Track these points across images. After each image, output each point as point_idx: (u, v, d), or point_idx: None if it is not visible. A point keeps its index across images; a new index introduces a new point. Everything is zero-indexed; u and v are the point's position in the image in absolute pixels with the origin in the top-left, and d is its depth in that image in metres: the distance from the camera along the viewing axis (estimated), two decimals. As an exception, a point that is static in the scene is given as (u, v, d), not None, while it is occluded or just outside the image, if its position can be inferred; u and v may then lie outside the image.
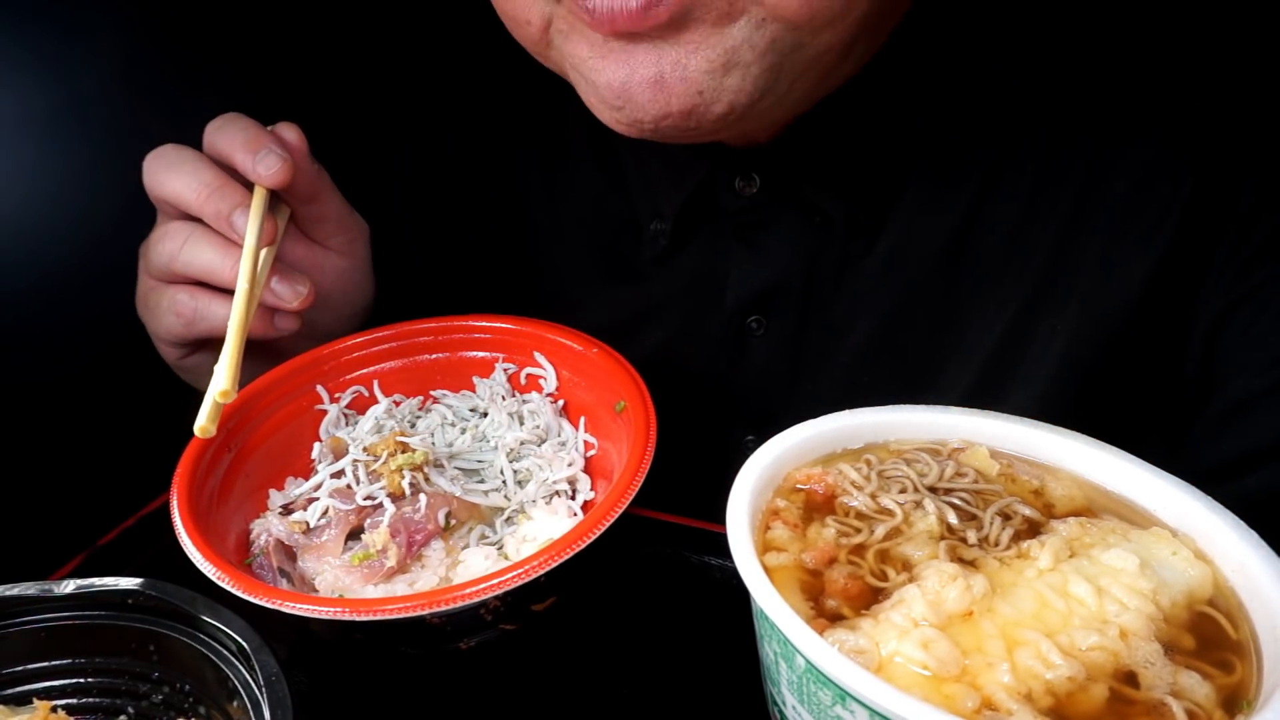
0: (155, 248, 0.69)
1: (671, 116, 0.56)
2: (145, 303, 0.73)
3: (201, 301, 0.69)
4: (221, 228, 0.66)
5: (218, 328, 0.67)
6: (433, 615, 0.55)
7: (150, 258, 0.70)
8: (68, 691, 0.53)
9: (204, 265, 0.67)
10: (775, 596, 0.44)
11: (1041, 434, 0.57)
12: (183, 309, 0.69)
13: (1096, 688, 0.43)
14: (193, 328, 0.70)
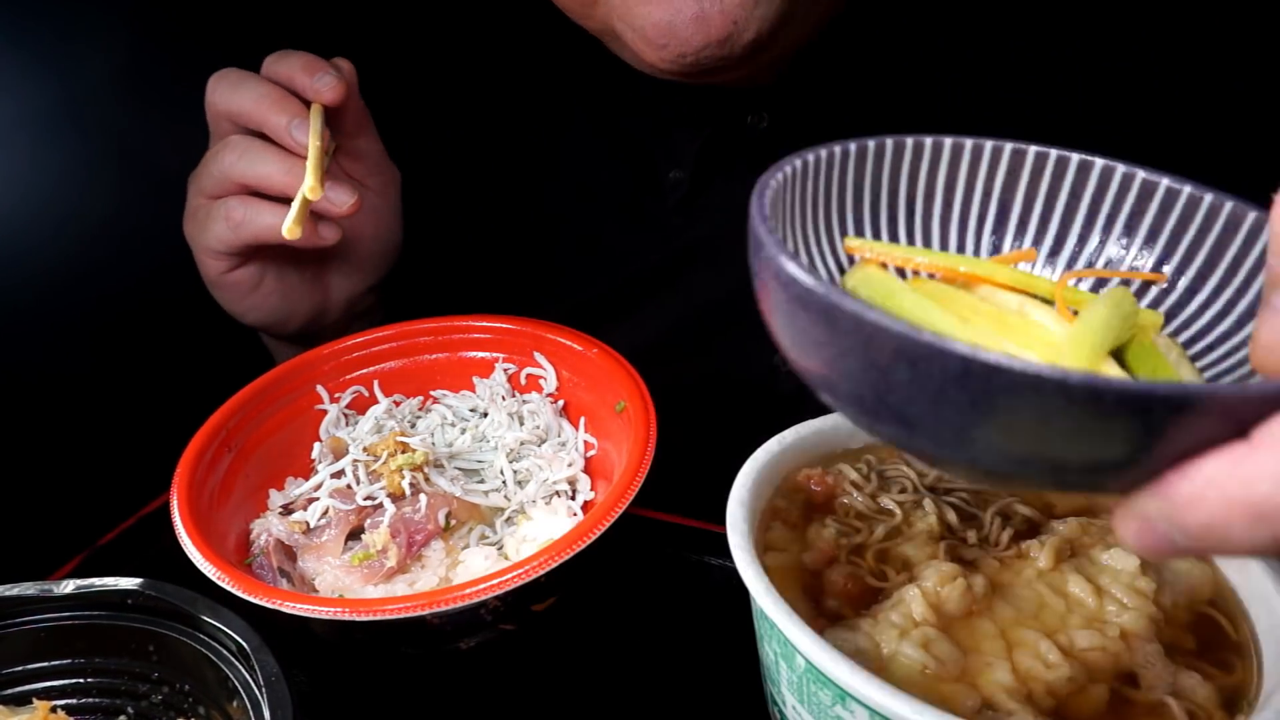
0: (212, 161, 0.71)
1: (711, 46, 0.64)
2: (194, 218, 0.74)
3: (252, 208, 0.70)
4: (281, 137, 0.69)
5: (265, 233, 0.70)
6: (433, 615, 0.55)
7: (204, 174, 0.72)
8: (68, 691, 0.53)
9: (261, 172, 0.69)
10: (775, 596, 0.44)
11: (1041, 434, 0.57)
12: (233, 213, 0.71)
13: (1096, 688, 0.43)
14: (241, 230, 0.71)
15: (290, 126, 0.68)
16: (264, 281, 0.76)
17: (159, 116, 0.78)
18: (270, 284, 0.77)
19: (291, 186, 0.68)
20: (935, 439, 0.31)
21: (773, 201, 0.36)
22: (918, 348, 0.29)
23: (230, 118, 0.71)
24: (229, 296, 0.78)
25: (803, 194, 0.39)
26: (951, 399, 0.29)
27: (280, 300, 0.78)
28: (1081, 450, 0.29)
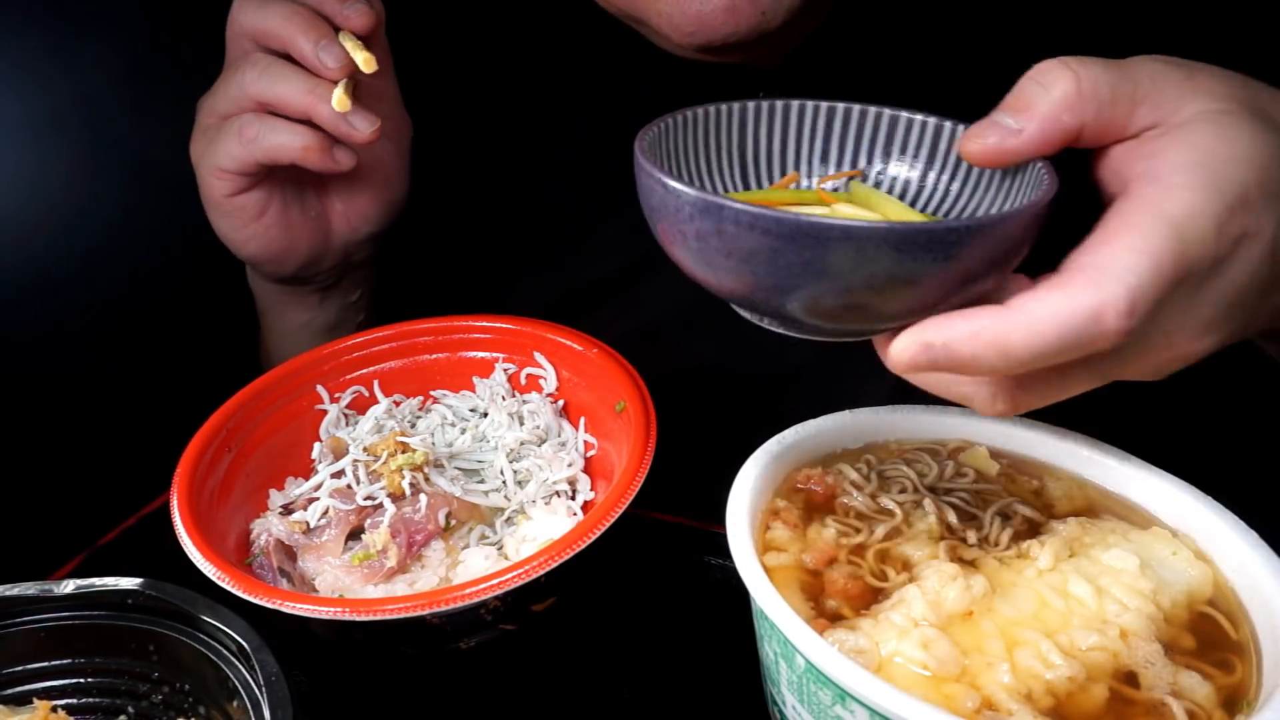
0: (230, 78, 0.69)
1: (739, 34, 0.65)
2: (203, 136, 0.72)
3: (268, 124, 0.69)
4: (307, 58, 0.67)
5: (279, 152, 0.69)
6: (433, 615, 0.55)
7: (219, 92, 0.70)
8: (68, 691, 0.53)
9: (283, 90, 0.68)
10: (775, 596, 0.44)
11: (1041, 434, 0.57)
12: (248, 129, 0.69)
13: (1096, 688, 0.43)
14: (254, 146, 0.69)
15: (318, 48, 0.67)
16: (268, 209, 0.74)
17: (163, 117, 0.78)
18: (274, 213, 0.75)
19: (313, 108, 0.67)
20: (780, 290, 0.43)
21: (650, 145, 0.49)
22: (779, 222, 0.41)
23: (255, 36, 0.69)
24: (232, 223, 0.75)
25: (674, 143, 0.52)
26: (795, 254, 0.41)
27: (281, 232, 0.75)
28: (884, 281, 0.41)
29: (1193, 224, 0.40)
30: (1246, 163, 0.42)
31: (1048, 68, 0.44)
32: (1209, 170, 0.41)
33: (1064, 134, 0.44)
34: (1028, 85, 0.44)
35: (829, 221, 0.40)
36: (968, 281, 0.41)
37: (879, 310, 0.43)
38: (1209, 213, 0.41)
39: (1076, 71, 0.43)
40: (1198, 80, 0.45)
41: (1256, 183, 0.42)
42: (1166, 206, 0.40)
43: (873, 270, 0.40)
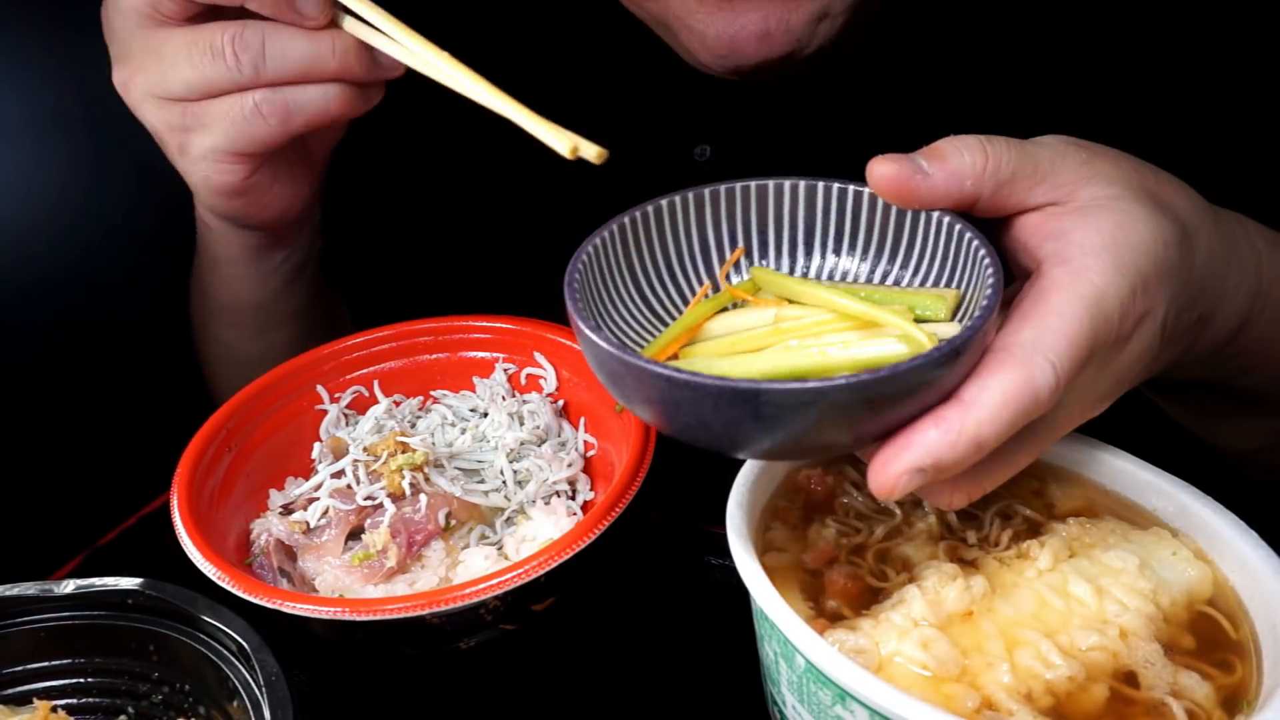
0: (181, 58, 0.59)
1: (770, 61, 0.65)
2: (176, 132, 0.62)
3: (291, 94, 0.60)
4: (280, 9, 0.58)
5: (314, 121, 0.61)
6: (433, 615, 0.55)
7: (169, 75, 0.59)
8: (68, 691, 0.53)
9: (299, 59, 0.58)
10: (775, 596, 0.44)
11: (1041, 434, 0.57)
12: (273, 106, 0.60)
13: (1096, 688, 0.43)
14: (289, 122, 0.61)
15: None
16: (278, 173, 0.68)
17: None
18: (285, 172, 0.68)
19: (346, 68, 0.59)
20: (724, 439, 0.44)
21: (580, 284, 0.48)
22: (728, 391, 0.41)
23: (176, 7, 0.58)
24: (247, 201, 0.67)
25: (604, 265, 0.50)
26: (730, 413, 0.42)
27: (291, 188, 0.69)
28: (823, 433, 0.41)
29: (1101, 306, 0.43)
30: (1144, 247, 0.45)
31: (965, 139, 0.47)
32: (1113, 255, 0.44)
33: (962, 195, 0.47)
34: (945, 144, 0.47)
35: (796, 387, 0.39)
36: (946, 395, 0.42)
37: (849, 444, 0.44)
38: (1116, 296, 0.44)
39: (986, 149, 0.47)
40: (1096, 164, 0.48)
41: (1153, 265, 0.45)
42: (1079, 289, 0.43)
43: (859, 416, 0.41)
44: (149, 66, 0.60)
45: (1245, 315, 0.55)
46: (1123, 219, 0.46)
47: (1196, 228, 0.50)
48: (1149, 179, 0.50)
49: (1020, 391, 0.41)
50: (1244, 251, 0.55)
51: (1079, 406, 0.46)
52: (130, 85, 0.62)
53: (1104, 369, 0.46)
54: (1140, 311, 0.45)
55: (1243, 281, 0.54)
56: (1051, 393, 0.41)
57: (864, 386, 0.39)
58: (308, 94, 0.60)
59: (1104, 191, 0.47)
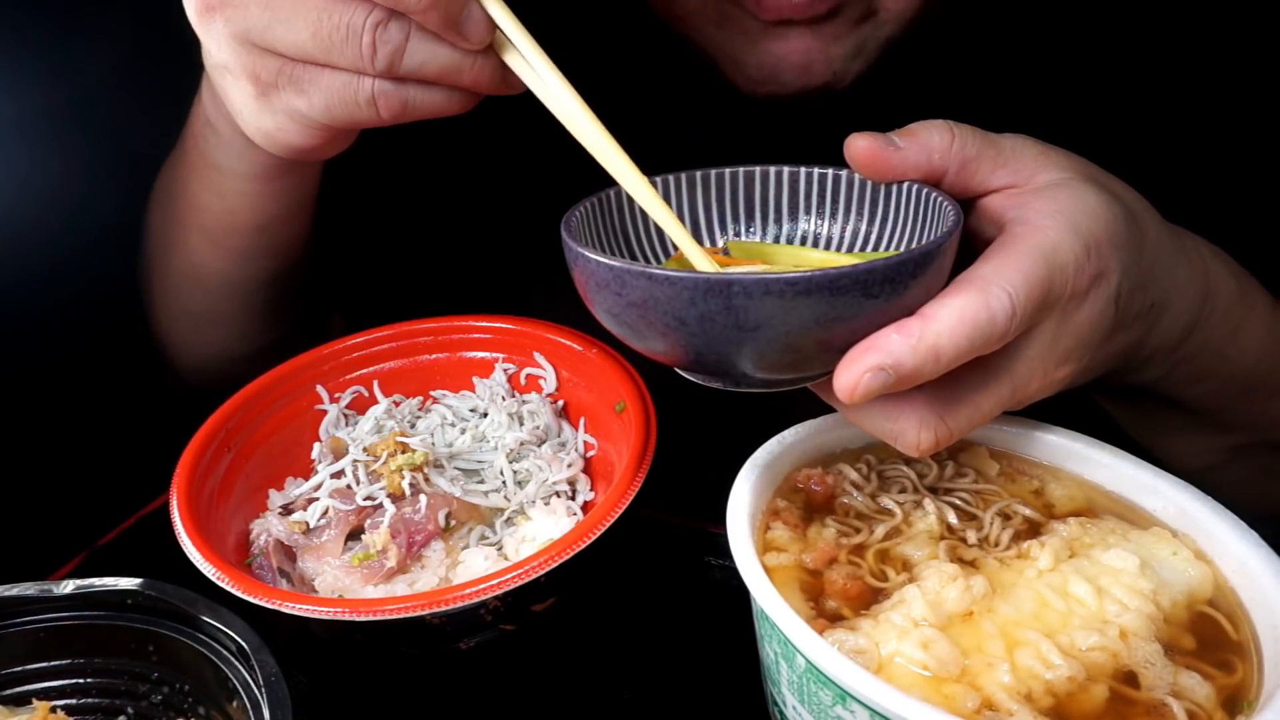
0: (352, 37, 0.52)
1: (807, 90, 0.67)
2: (283, 82, 0.55)
3: (413, 92, 0.55)
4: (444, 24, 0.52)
5: (425, 115, 0.57)
6: (432, 615, 0.55)
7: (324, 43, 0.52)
8: (67, 691, 0.53)
9: (438, 68, 0.54)
10: (775, 596, 0.44)
11: (1041, 434, 0.57)
12: (390, 101, 0.55)
13: (1097, 688, 0.43)
14: (403, 116, 0.56)
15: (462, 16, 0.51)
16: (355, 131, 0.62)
17: (163, 115, 0.77)
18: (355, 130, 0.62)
19: (478, 84, 0.55)
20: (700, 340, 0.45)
21: (577, 226, 0.53)
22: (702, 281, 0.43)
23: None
24: (317, 155, 0.62)
25: (599, 219, 0.56)
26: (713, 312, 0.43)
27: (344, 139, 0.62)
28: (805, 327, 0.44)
29: (1057, 255, 0.48)
30: (1096, 214, 0.50)
31: (934, 121, 0.53)
32: (1068, 217, 0.49)
33: (930, 168, 0.53)
34: (915, 125, 0.53)
35: (786, 276, 0.42)
36: (910, 308, 0.45)
37: (818, 354, 0.46)
38: (1070, 249, 0.48)
39: (953, 130, 0.53)
40: (1051, 155, 0.54)
41: (1105, 232, 0.50)
42: (1036, 239, 0.48)
43: (825, 314, 0.43)
44: (252, 8, 0.52)
45: (1195, 316, 0.59)
46: (1076, 192, 0.51)
47: (1143, 216, 0.55)
48: (1098, 172, 0.55)
49: (977, 313, 0.45)
50: (1191, 253, 0.59)
51: (1040, 360, 0.50)
52: (217, 15, 0.54)
53: (1063, 324, 0.49)
54: (1094, 270, 0.49)
55: (1192, 280, 0.58)
56: (1007, 319, 0.45)
57: (831, 279, 0.42)
58: (431, 96, 0.56)
59: (1058, 175, 0.52)
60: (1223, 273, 0.61)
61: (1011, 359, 0.49)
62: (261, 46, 0.54)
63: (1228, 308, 0.60)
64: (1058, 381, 0.51)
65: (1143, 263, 0.53)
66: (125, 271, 0.84)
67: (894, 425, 0.49)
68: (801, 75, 0.67)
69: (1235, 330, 0.61)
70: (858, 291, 0.43)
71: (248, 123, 0.60)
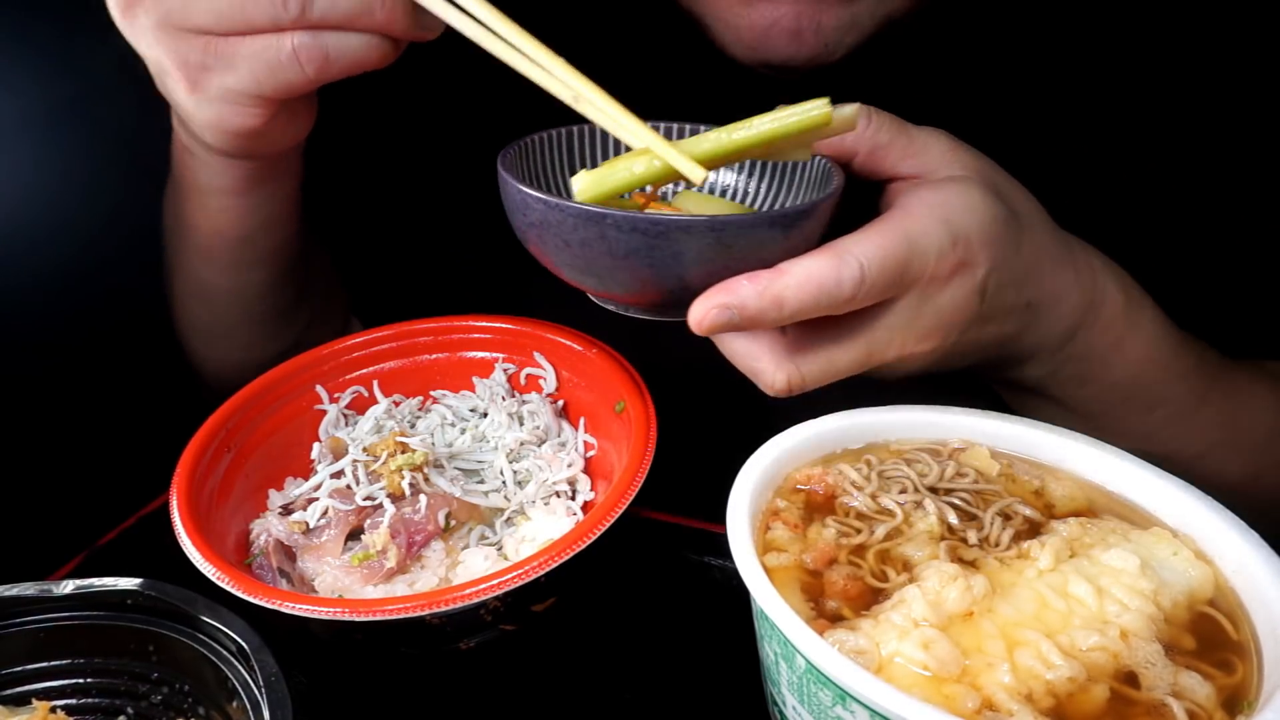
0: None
1: (797, 60, 0.67)
2: (210, 61, 0.56)
3: (330, 40, 0.56)
4: None
5: (352, 69, 0.58)
6: (432, 616, 0.55)
7: (237, 4, 0.54)
8: (67, 691, 0.53)
9: (348, 6, 0.55)
10: (775, 597, 0.44)
11: (1041, 434, 0.57)
12: (311, 52, 0.55)
13: (1097, 688, 0.43)
14: (326, 71, 0.57)
15: None
16: (294, 112, 0.64)
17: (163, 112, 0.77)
18: (297, 111, 0.64)
19: (390, 22, 0.56)
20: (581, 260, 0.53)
21: (509, 163, 0.59)
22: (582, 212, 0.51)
23: None
24: (257, 141, 0.63)
25: (527, 159, 0.62)
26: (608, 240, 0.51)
27: (297, 122, 0.65)
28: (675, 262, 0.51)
29: (919, 241, 0.53)
30: (972, 212, 0.55)
31: (854, 106, 0.56)
32: (944, 209, 0.55)
33: (840, 150, 0.59)
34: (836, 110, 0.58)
35: (653, 216, 0.50)
36: (768, 262, 0.51)
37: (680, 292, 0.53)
38: (934, 237, 0.54)
39: (871, 117, 0.58)
40: (958, 154, 0.59)
41: (978, 229, 0.55)
42: (905, 223, 0.54)
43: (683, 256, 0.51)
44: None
45: (1078, 319, 0.63)
46: (962, 189, 0.56)
47: (1030, 222, 0.60)
48: (999, 177, 0.60)
49: (825, 274, 0.50)
50: (1080, 262, 0.63)
51: (900, 331, 0.55)
52: (137, 9, 0.56)
53: (924, 302, 0.55)
54: (958, 259, 0.55)
55: (1077, 286, 0.62)
56: (854, 285, 0.51)
57: (687, 225, 0.49)
58: (349, 42, 0.56)
59: (957, 173, 0.58)
60: (1112, 285, 0.64)
61: (870, 324, 0.55)
62: (182, 28, 0.55)
63: (1112, 317, 0.64)
64: (922, 355, 0.57)
65: (1019, 263, 0.58)
66: (126, 271, 0.84)
67: (756, 363, 0.55)
68: (792, 41, 0.66)
69: (1119, 340, 0.65)
70: (712, 239, 0.50)
71: (193, 119, 0.61)
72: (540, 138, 0.63)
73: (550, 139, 0.64)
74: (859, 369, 0.56)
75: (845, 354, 0.55)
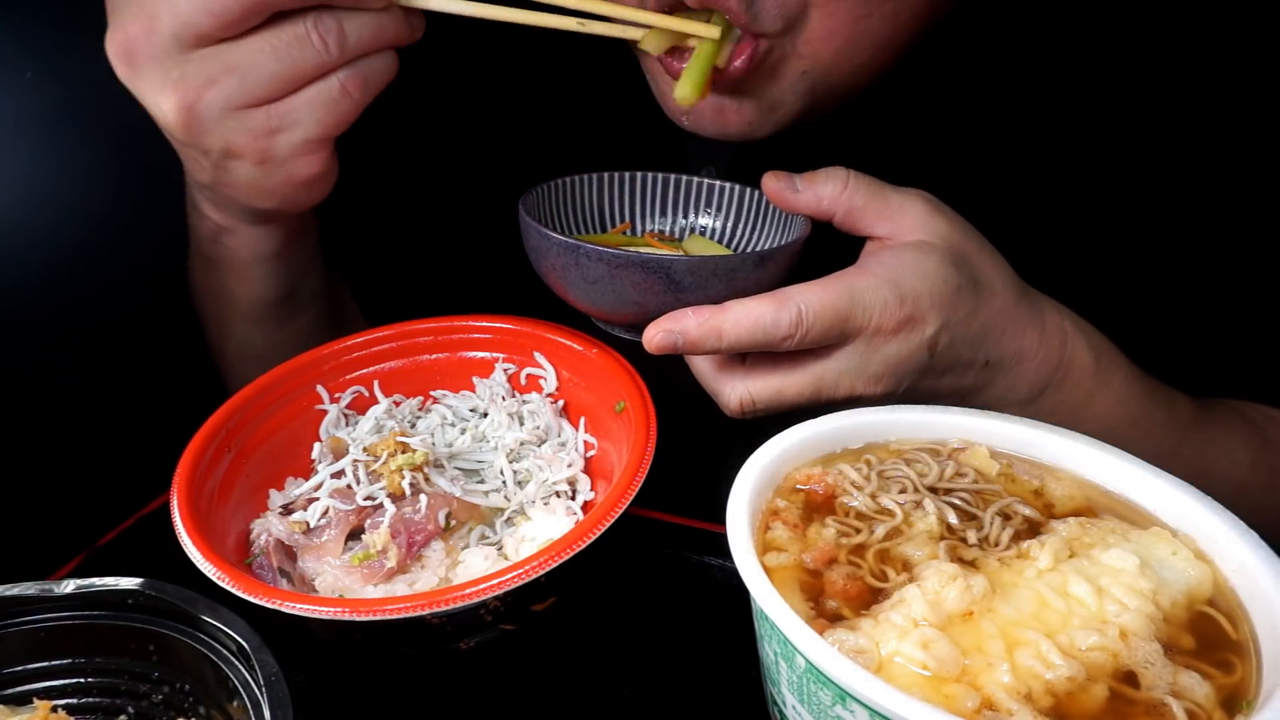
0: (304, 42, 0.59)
1: (727, 135, 0.71)
2: (275, 123, 0.61)
3: (365, 65, 0.62)
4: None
5: (383, 83, 0.63)
6: (432, 615, 0.55)
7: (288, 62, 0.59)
8: (68, 691, 0.53)
9: (372, 31, 0.61)
10: (775, 596, 0.44)
11: (1041, 434, 0.57)
12: (355, 81, 0.61)
13: (1096, 688, 0.43)
14: (368, 93, 0.63)
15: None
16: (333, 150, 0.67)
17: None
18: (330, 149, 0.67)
19: (399, 34, 0.61)
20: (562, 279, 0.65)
21: (531, 205, 0.71)
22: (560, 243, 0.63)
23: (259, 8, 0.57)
24: (325, 185, 0.68)
25: (546, 203, 0.74)
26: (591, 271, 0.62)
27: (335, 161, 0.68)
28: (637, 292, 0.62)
29: (865, 295, 0.59)
30: (924, 276, 0.61)
31: (836, 170, 0.64)
32: (895, 271, 0.61)
33: (819, 210, 0.65)
34: (821, 171, 0.65)
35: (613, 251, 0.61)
36: (715, 299, 0.61)
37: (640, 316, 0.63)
38: (880, 294, 0.60)
39: (849, 182, 0.64)
40: (933, 219, 0.63)
41: (928, 291, 0.61)
42: (852, 279, 0.60)
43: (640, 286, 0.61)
44: (221, 79, 0.59)
45: (1046, 378, 0.67)
46: (919, 255, 0.62)
47: (993, 288, 0.64)
48: (969, 244, 0.64)
49: (764, 315, 0.58)
50: (1049, 326, 0.67)
51: (848, 375, 0.61)
52: (202, 104, 0.60)
53: (871, 351, 0.61)
54: (904, 315, 0.60)
55: (1042, 347, 0.67)
56: (790, 326, 0.58)
57: (642, 261, 0.60)
58: (377, 64, 0.62)
59: (924, 238, 0.63)
60: (1081, 346, 0.69)
61: (818, 363, 0.61)
62: (245, 105, 0.60)
63: (1081, 376, 0.69)
64: (877, 396, 0.62)
65: (975, 324, 0.63)
66: (125, 271, 0.84)
67: (715, 385, 0.64)
68: (717, 118, 0.69)
69: (1089, 396, 0.69)
70: (662, 275, 0.60)
71: (261, 188, 0.66)
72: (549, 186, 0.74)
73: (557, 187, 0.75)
74: (808, 401, 0.62)
75: (794, 386, 0.62)
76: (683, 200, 0.78)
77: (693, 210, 0.78)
